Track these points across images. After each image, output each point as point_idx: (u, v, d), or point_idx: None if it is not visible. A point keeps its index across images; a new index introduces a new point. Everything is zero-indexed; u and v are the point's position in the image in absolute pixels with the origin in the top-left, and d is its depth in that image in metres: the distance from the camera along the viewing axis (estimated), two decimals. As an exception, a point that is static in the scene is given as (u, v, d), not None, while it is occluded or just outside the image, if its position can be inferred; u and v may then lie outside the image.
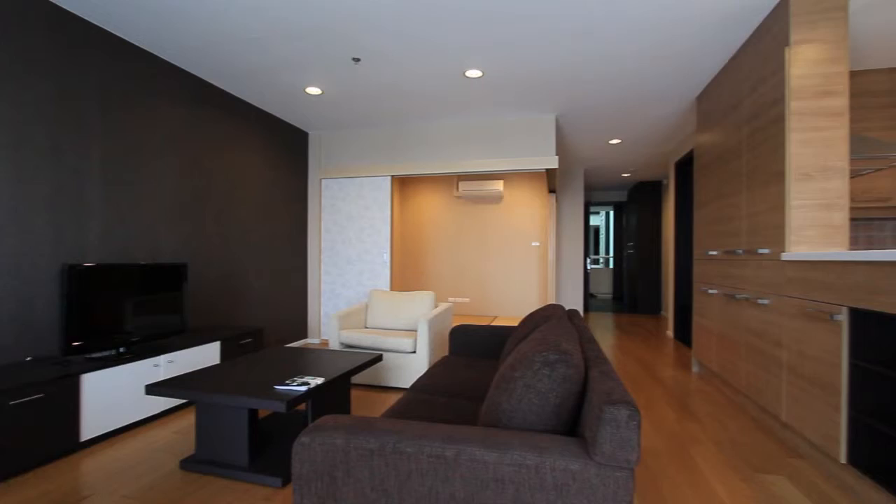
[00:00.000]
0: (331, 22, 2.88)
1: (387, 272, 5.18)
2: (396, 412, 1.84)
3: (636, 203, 8.75)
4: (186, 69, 3.65)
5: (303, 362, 2.63)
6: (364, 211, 5.27)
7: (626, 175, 8.13)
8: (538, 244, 7.16)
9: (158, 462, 2.32)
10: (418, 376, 3.51)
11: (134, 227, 3.25)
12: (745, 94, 3.10)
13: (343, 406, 2.70)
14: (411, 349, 3.53)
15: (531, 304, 7.20)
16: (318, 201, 5.43)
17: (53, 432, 2.30)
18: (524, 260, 7.22)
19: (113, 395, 2.61)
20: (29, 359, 2.61)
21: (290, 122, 5.05)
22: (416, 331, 3.91)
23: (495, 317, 7.20)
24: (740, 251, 3.10)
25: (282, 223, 4.97)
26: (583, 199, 7.54)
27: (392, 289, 5.23)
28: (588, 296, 9.34)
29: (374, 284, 5.23)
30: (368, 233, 5.25)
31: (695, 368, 4.21)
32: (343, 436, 1.11)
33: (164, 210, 3.49)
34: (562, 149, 6.20)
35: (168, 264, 3.14)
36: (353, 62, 3.46)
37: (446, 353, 4.07)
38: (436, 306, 4.10)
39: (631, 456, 1.00)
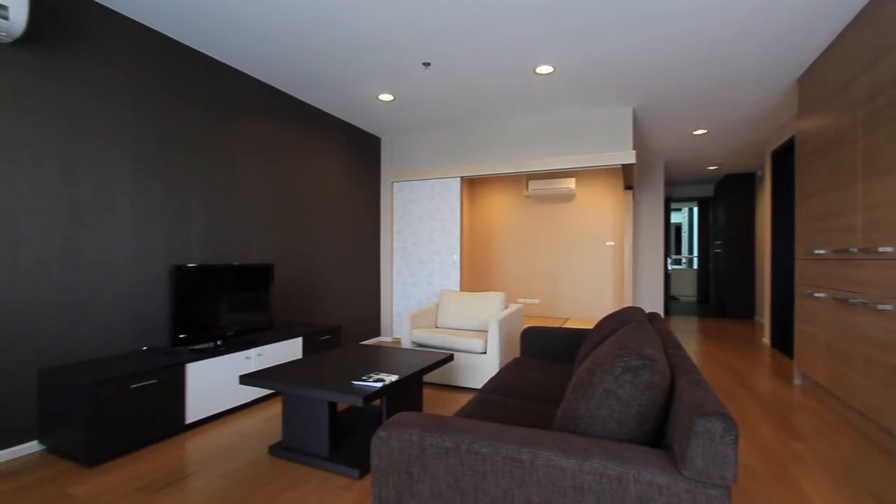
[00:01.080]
0: (403, 31, 2.96)
1: (457, 272, 5.22)
2: (469, 412, 1.84)
3: (725, 198, 8.05)
4: (271, 83, 3.94)
5: (377, 360, 2.72)
6: (434, 212, 5.36)
7: (712, 168, 7.51)
8: (613, 243, 6.84)
9: (250, 446, 2.52)
10: (489, 377, 3.50)
11: (227, 232, 3.56)
12: (859, 72, 2.73)
13: (415, 403, 2.76)
14: (482, 350, 3.52)
15: (606, 307, 6.89)
16: (391, 204, 5.61)
17: (164, 414, 2.59)
18: (598, 260, 6.93)
19: (211, 383, 2.88)
20: (144, 349, 2.96)
21: (364, 128, 5.26)
22: (486, 331, 3.89)
23: (567, 319, 6.98)
24: (854, 249, 2.73)
25: (357, 225, 5.20)
26: (663, 195, 7.08)
27: (462, 289, 5.26)
28: (669, 298, 8.76)
29: (445, 284, 5.29)
30: (439, 234, 5.32)
31: (797, 381, 3.78)
32: (419, 433, 1.13)
33: (252, 215, 3.79)
34: (639, 142, 5.87)
35: (257, 265, 3.40)
36: (423, 67, 3.53)
37: (517, 354, 4.02)
38: (506, 307, 4.06)
39: (726, 473, 0.92)
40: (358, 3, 2.66)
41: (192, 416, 2.75)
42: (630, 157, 4.40)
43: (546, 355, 2.99)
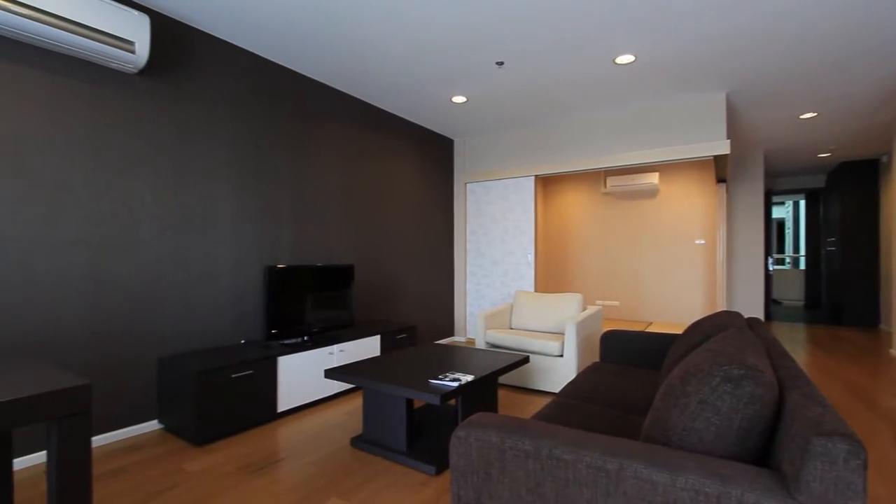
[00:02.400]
0: (476, 32, 2.96)
1: (531, 273, 5.12)
2: (547, 416, 1.79)
3: (839, 188, 7.09)
4: (348, 92, 4.14)
5: (452, 359, 2.75)
6: (508, 212, 5.30)
7: (823, 155, 6.65)
8: (703, 242, 6.31)
9: (333, 437, 2.66)
10: (566, 381, 3.39)
11: (311, 235, 3.80)
12: None
13: (491, 404, 2.75)
14: (558, 352, 3.42)
15: (694, 311, 6.38)
16: (464, 205, 5.64)
17: (259, 403, 2.82)
18: (685, 260, 6.44)
19: (299, 376, 3.08)
20: (243, 342, 3.25)
21: (437, 130, 5.35)
22: (562, 334, 3.78)
23: (650, 323, 6.56)
24: None
25: (431, 227, 5.30)
26: (762, 188, 6.40)
27: (536, 290, 5.16)
28: (770, 302, 7.90)
29: (519, 285, 5.22)
30: (512, 234, 5.26)
31: (939, 401, 3.22)
32: (497, 434, 1.11)
33: (333, 219, 4.01)
34: (734, 131, 5.36)
35: (339, 266, 3.59)
36: (496, 66, 3.51)
37: (596, 359, 3.85)
38: (584, 309, 3.90)
39: (852, 503, 0.80)
40: (433, 11, 2.70)
41: (282, 405, 2.96)
42: (723, 148, 4.03)
43: (628, 361, 2.83)
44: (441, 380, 2.22)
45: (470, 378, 2.26)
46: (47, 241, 2.34)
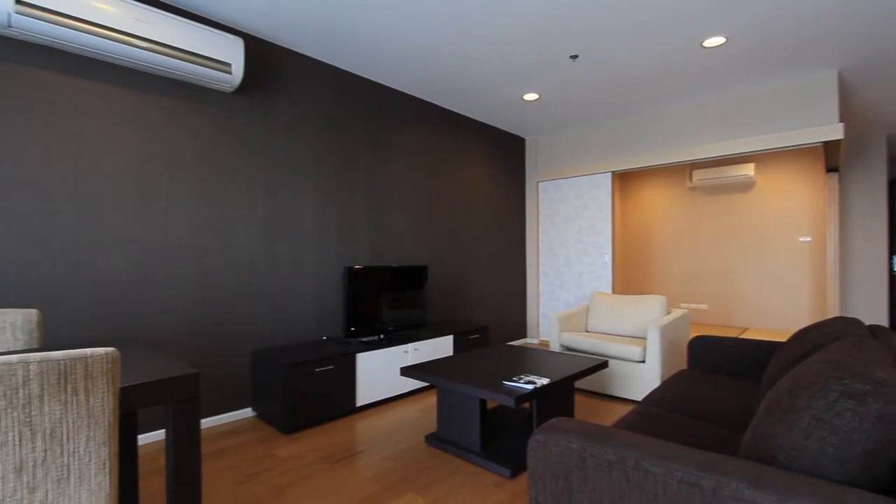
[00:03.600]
0: (548, 26, 2.89)
1: (608, 274, 4.89)
2: (630, 425, 1.69)
3: None
4: (419, 96, 4.23)
5: (526, 361, 2.70)
6: (582, 211, 5.11)
7: (967, 136, 5.65)
8: (809, 239, 5.63)
9: (408, 434, 2.73)
10: (648, 388, 3.19)
11: (387, 236, 3.93)
12: None
13: (567, 409, 2.66)
14: (639, 358, 3.23)
15: (800, 316, 5.71)
16: (536, 204, 5.53)
17: (340, 396, 2.97)
18: (787, 260, 5.79)
19: (376, 372, 3.20)
20: (324, 338, 3.44)
21: (508, 129, 5.30)
22: (644, 338, 3.56)
23: (745, 329, 5.98)
24: None
25: (502, 227, 5.25)
26: (885, 177, 5.57)
27: (614, 291, 4.91)
28: (896, 308, 6.85)
29: (595, 286, 5.00)
30: (587, 233, 5.06)
31: None
32: (578, 441, 1.07)
33: (406, 220, 4.12)
34: (848, 113, 4.73)
35: (413, 266, 3.68)
36: (570, 60, 3.40)
37: (682, 366, 3.58)
38: (668, 312, 3.65)
39: None
40: (506, 10, 2.68)
41: (360, 400, 3.10)
42: (836, 132, 3.56)
43: (720, 370, 2.59)
44: (515, 382, 2.19)
45: (545, 381, 2.20)
46: (160, 246, 2.65)
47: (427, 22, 2.86)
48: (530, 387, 2.10)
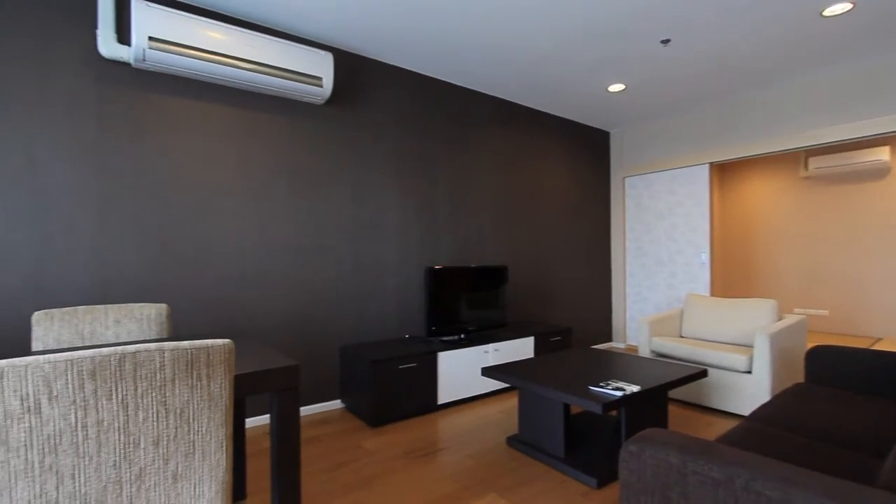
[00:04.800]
0: (637, 9, 2.72)
1: (705, 274, 4.49)
2: (736, 441, 1.53)
3: None
4: (497, 95, 4.20)
5: (613, 366, 2.56)
6: (675, 207, 4.74)
7: None
8: (967, 235, 4.72)
9: (489, 434, 2.72)
10: (756, 402, 2.87)
11: (467, 236, 3.96)
12: None
13: (659, 420, 2.48)
14: (745, 368, 2.92)
15: (954, 326, 4.81)
16: (622, 201, 5.24)
17: (422, 393, 3.04)
18: (936, 259, 4.90)
19: (456, 371, 3.23)
20: (406, 336, 3.55)
21: (590, 124, 5.08)
22: (750, 346, 3.21)
23: (877, 339, 5.16)
24: None
25: (585, 226, 5.05)
26: None
27: (712, 294, 4.50)
28: None
29: (689, 288, 4.62)
30: (681, 231, 4.69)
31: None
32: (678, 455, 0.99)
33: (487, 221, 4.11)
34: None
35: (493, 267, 3.67)
36: (661, 45, 3.17)
37: (798, 379, 3.18)
38: (779, 318, 3.26)
39: None
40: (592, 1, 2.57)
41: (442, 398, 3.15)
42: None
43: (847, 385, 2.25)
44: (602, 387, 2.08)
45: (636, 388, 2.07)
46: (258, 247, 2.91)
47: (508, 20, 2.83)
48: (619, 393, 1.99)
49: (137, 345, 0.82)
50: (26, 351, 2.24)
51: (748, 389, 2.91)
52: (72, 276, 2.33)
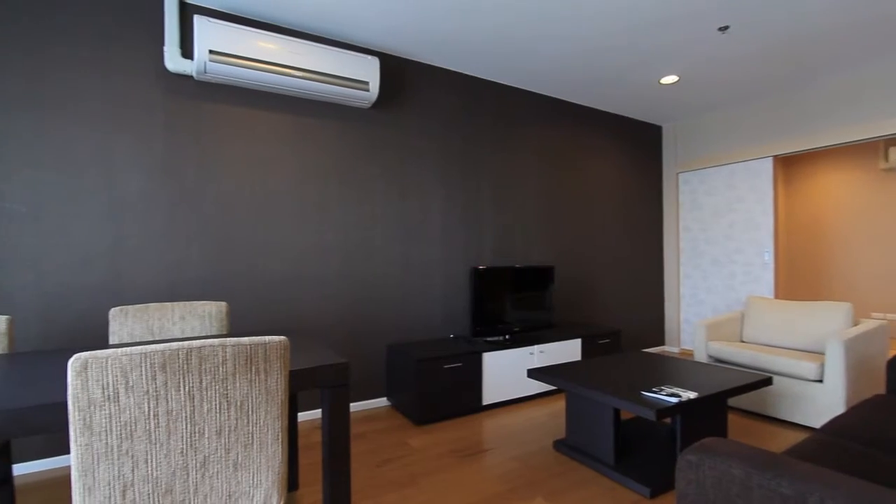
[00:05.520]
0: (689, -4, 2.59)
1: (769, 276, 4.20)
2: (807, 455, 1.42)
3: None
4: (542, 92, 4.12)
5: (666, 371, 2.45)
6: (735, 203, 4.47)
7: None
8: None
9: (535, 436, 2.68)
10: (830, 414, 2.65)
11: (512, 236, 3.92)
12: None
13: (718, 429, 2.34)
14: (815, 376, 2.70)
15: None
16: (675, 198, 5.00)
17: (467, 393, 3.04)
18: None
19: (501, 372, 3.20)
20: (451, 336, 3.56)
21: (641, 118, 4.89)
22: (821, 353, 2.97)
23: (976, 348, 4.62)
24: None
25: (636, 225, 4.86)
26: None
27: (776, 296, 4.20)
28: None
29: (751, 290, 4.34)
30: (741, 228, 4.41)
31: None
32: (741, 467, 0.93)
33: (532, 220, 4.05)
34: None
35: (539, 267, 3.61)
36: (718, 33, 3.00)
37: (878, 390, 2.91)
38: (855, 323, 3.00)
39: None
40: (635, -14, 2.48)
41: (486, 398, 3.13)
42: None
43: (940, 398, 2.03)
44: (656, 393, 2.00)
45: (692, 395, 1.97)
46: (309, 248, 3.01)
47: (554, 15, 2.78)
48: (674, 400, 1.90)
49: (202, 340, 0.87)
50: (104, 344, 2.44)
51: (819, 399, 2.69)
52: (142, 275, 2.51)
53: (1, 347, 1.61)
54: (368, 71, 2.94)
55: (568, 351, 3.57)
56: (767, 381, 2.31)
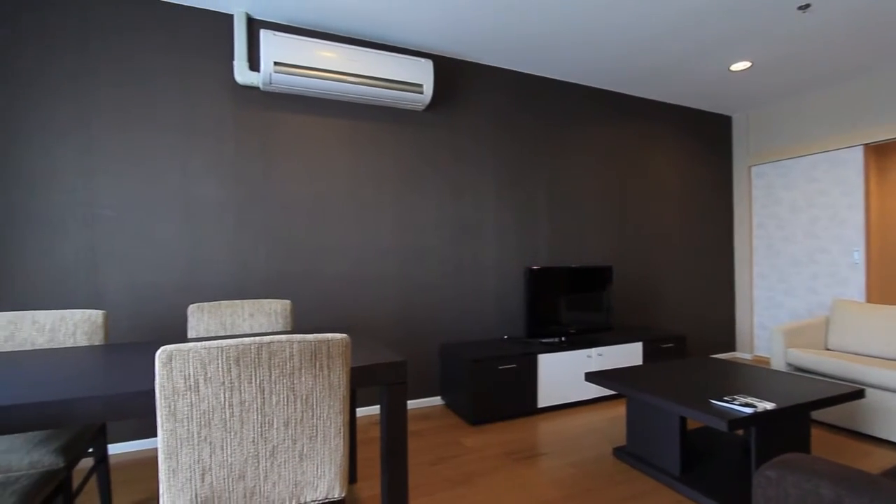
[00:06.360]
0: (763, -25, 2.40)
1: (859, 277, 3.80)
2: (909, 479, 1.27)
3: None
4: (599, 86, 3.98)
5: (740, 379, 2.28)
6: (817, 197, 4.09)
7: None
8: None
9: (594, 442, 2.59)
10: (934, 434, 2.36)
11: (567, 235, 3.82)
12: None
13: (799, 444, 2.15)
14: (917, 390, 2.41)
15: None
16: (748, 193, 4.65)
17: (521, 395, 3.00)
18: None
19: (557, 375, 3.13)
20: (505, 337, 3.53)
21: (708, 109, 4.59)
22: (924, 364, 2.65)
23: None
24: None
25: (702, 222, 4.57)
26: None
27: (868, 299, 3.79)
28: None
29: (837, 293, 3.95)
30: (825, 225, 4.03)
31: None
32: (832, 488, 0.84)
33: (589, 218, 3.92)
34: None
35: (596, 267, 3.49)
36: (798, 12, 2.76)
37: None
38: (967, 332, 2.64)
39: None
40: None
41: (542, 401, 3.07)
42: None
43: None
44: (727, 402, 1.87)
45: (770, 406, 1.82)
46: (366, 248, 3.10)
47: (612, 6, 2.68)
48: (749, 410, 1.77)
49: (271, 336, 0.92)
50: (183, 337, 2.64)
51: (923, 417, 2.40)
52: (216, 275, 2.70)
53: (98, 339, 1.79)
54: (422, 73, 2.98)
55: (628, 355, 3.42)
56: (859, 394, 2.09)
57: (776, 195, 4.41)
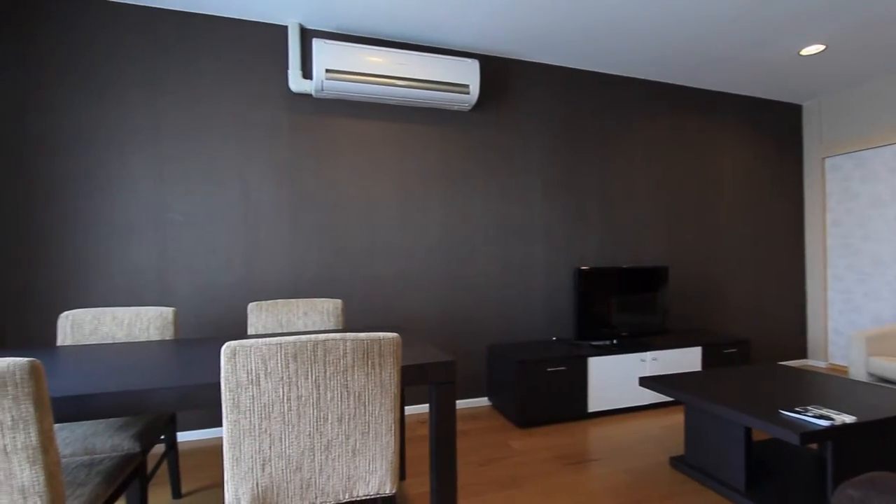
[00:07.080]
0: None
1: (955, 279, 3.40)
2: None
3: None
4: (653, 79, 3.80)
5: (813, 389, 2.11)
6: (903, 191, 3.70)
7: None
8: None
9: (649, 451, 2.48)
10: None
11: (619, 235, 3.68)
12: None
13: (883, 461, 1.95)
14: None
15: None
16: (821, 187, 4.29)
17: (571, 399, 2.92)
18: None
19: (609, 379, 3.02)
20: (554, 339, 3.46)
21: (775, 98, 4.28)
22: None
23: None
24: None
25: (768, 219, 4.27)
26: None
27: (968, 305, 3.39)
28: None
29: (928, 297, 3.56)
30: (913, 221, 3.64)
31: None
32: (929, 513, 0.76)
33: (643, 217, 3.76)
34: None
35: (650, 268, 3.34)
36: (878, -12, 2.51)
37: None
38: None
39: None
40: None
41: (592, 405, 2.98)
42: None
43: None
44: (800, 414, 1.73)
45: (849, 419, 1.67)
46: (416, 250, 3.14)
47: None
48: (825, 423, 1.62)
49: (325, 334, 0.95)
50: (244, 334, 2.79)
51: None
52: (272, 274, 2.83)
53: (169, 334, 1.93)
54: (468, 74, 2.97)
55: (686, 360, 3.25)
56: (958, 409, 1.87)
57: (854, 189, 4.04)
